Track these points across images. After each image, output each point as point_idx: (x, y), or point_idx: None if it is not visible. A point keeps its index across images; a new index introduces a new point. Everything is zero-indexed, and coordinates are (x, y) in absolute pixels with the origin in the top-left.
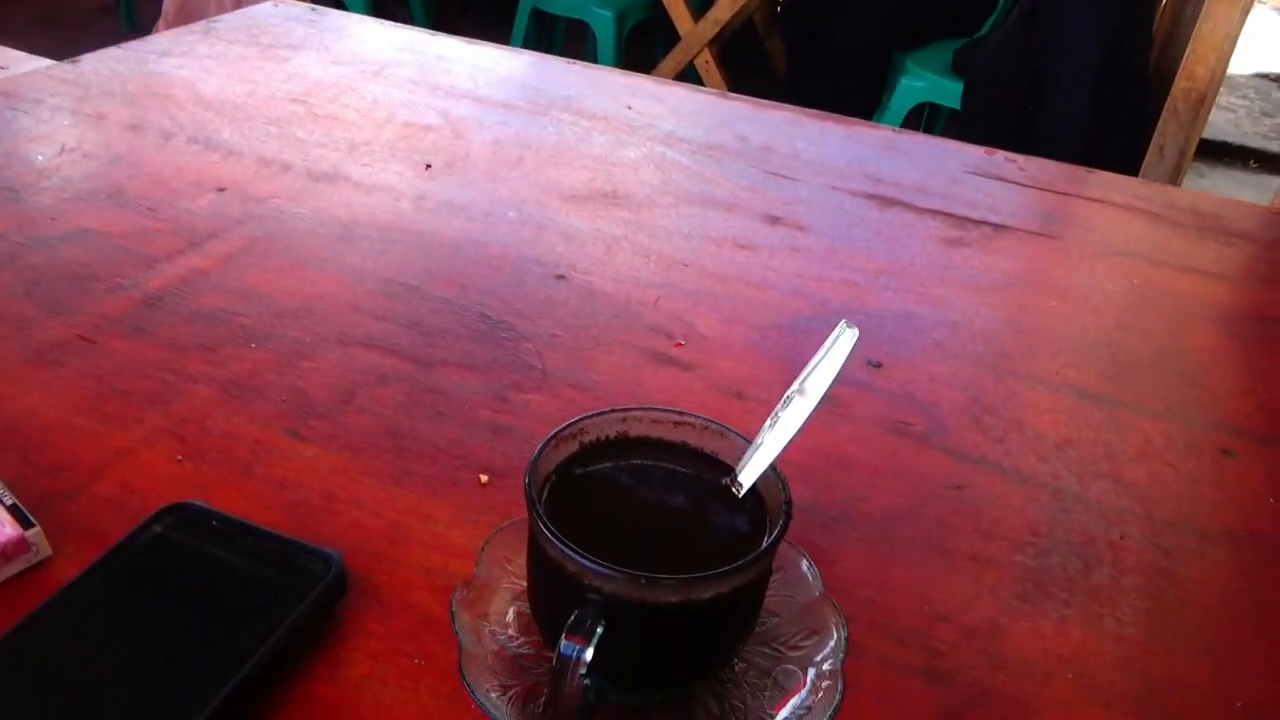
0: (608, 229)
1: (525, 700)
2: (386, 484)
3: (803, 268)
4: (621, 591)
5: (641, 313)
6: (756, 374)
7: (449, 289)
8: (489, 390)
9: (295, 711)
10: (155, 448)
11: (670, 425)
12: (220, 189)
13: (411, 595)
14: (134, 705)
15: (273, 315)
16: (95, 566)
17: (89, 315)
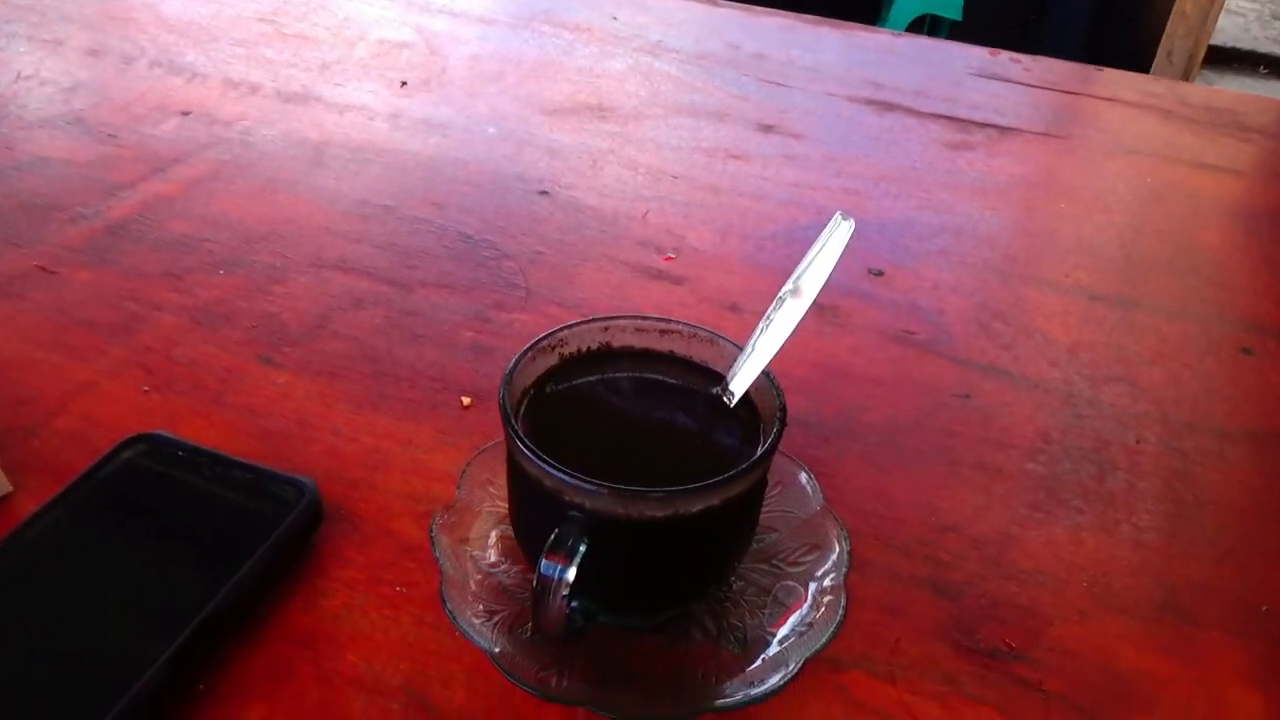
0: (593, 143)
1: (512, 626)
2: (364, 409)
3: (798, 176)
4: (604, 507)
5: (630, 227)
6: (751, 286)
7: (426, 209)
8: (470, 311)
9: (271, 644)
10: (120, 379)
11: (656, 334)
12: (185, 113)
13: (391, 522)
14: (101, 641)
15: (242, 241)
16: (56, 500)
17: (49, 246)
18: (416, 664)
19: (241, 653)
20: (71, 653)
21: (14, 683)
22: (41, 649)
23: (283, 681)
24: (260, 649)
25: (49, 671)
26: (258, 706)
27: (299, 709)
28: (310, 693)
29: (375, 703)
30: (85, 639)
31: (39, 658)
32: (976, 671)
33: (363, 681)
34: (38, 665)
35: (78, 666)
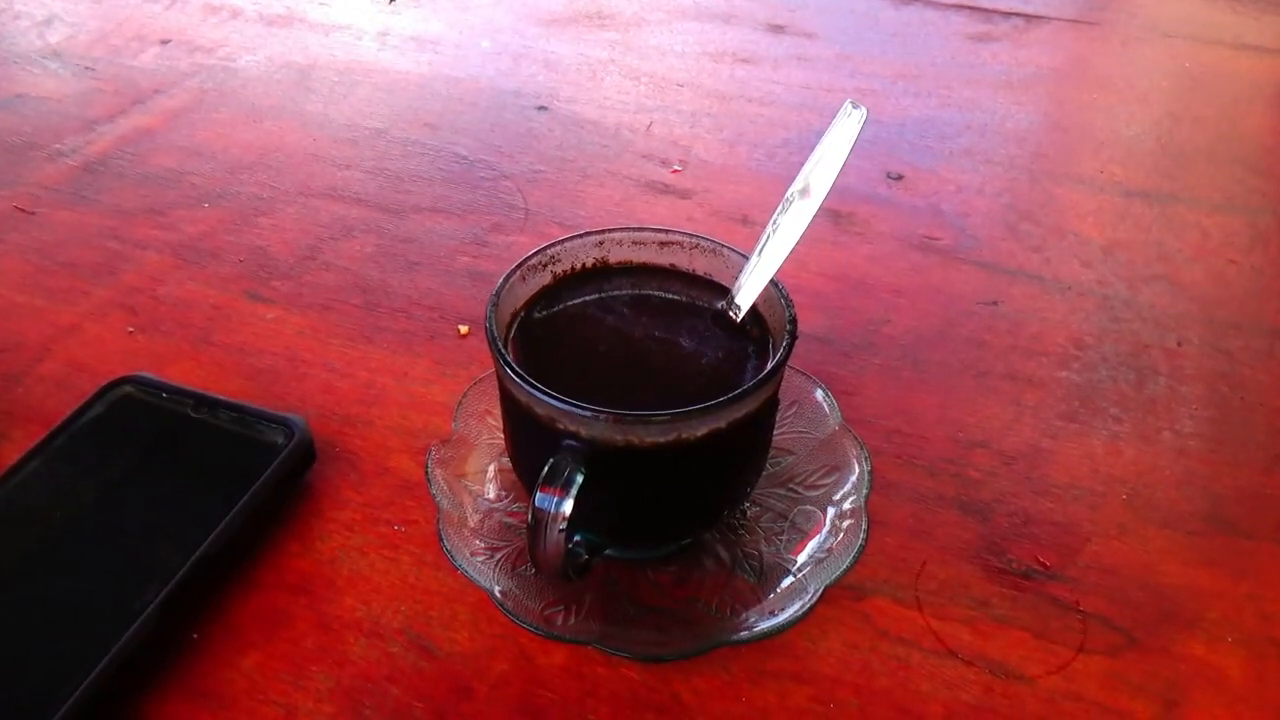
0: (593, 53)
1: (515, 563)
2: (357, 342)
3: (811, 78)
4: (602, 435)
5: (633, 140)
6: (763, 196)
7: (419, 130)
8: (466, 235)
9: (266, 590)
10: (104, 321)
11: (655, 247)
12: (164, 41)
13: (389, 459)
14: (88, 590)
15: (226, 172)
16: (38, 448)
17: (26, 186)
18: (418, 605)
19: (235, 599)
20: (59, 603)
21: (1, 634)
22: (29, 599)
23: (279, 628)
24: (255, 595)
25: (37, 622)
26: (252, 654)
27: (295, 655)
28: (307, 638)
29: (375, 646)
30: (72, 588)
31: (26, 608)
32: (1008, 593)
33: (361, 625)
34: (25, 616)
35: (66, 617)
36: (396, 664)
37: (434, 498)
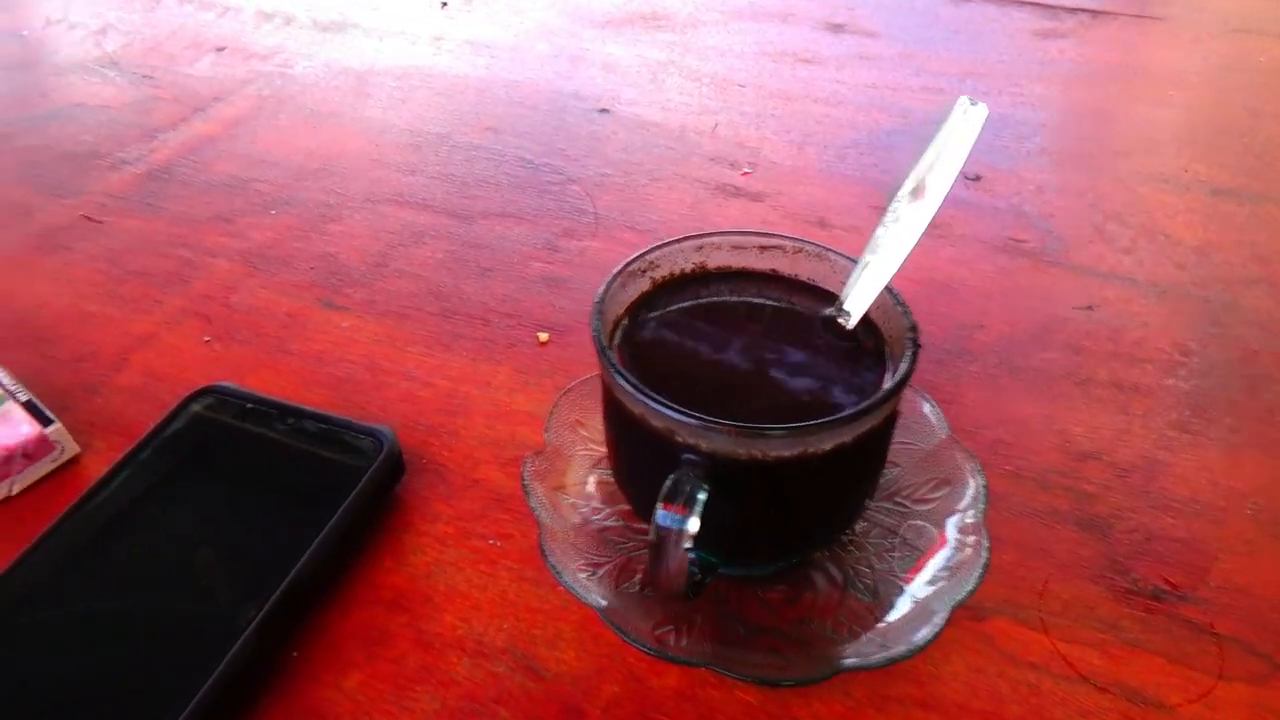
0: (651, 54)
1: (618, 579)
2: (436, 351)
3: (876, 77)
4: (724, 448)
5: (699, 142)
6: (838, 199)
7: (481, 134)
8: (538, 240)
9: (363, 606)
10: (179, 330)
11: (755, 251)
12: (220, 49)
13: (478, 471)
14: (184, 610)
15: (291, 179)
16: (124, 461)
17: (93, 195)
18: (520, 623)
19: (333, 616)
20: (159, 620)
21: (96, 656)
22: (128, 616)
23: (379, 646)
24: (352, 612)
25: (138, 640)
26: (354, 674)
27: (399, 675)
28: (409, 658)
29: (480, 666)
30: (171, 606)
31: (126, 626)
32: (1138, 615)
33: (464, 644)
34: (125, 634)
35: (162, 638)
36: (503, 685)
37: (533, 511)
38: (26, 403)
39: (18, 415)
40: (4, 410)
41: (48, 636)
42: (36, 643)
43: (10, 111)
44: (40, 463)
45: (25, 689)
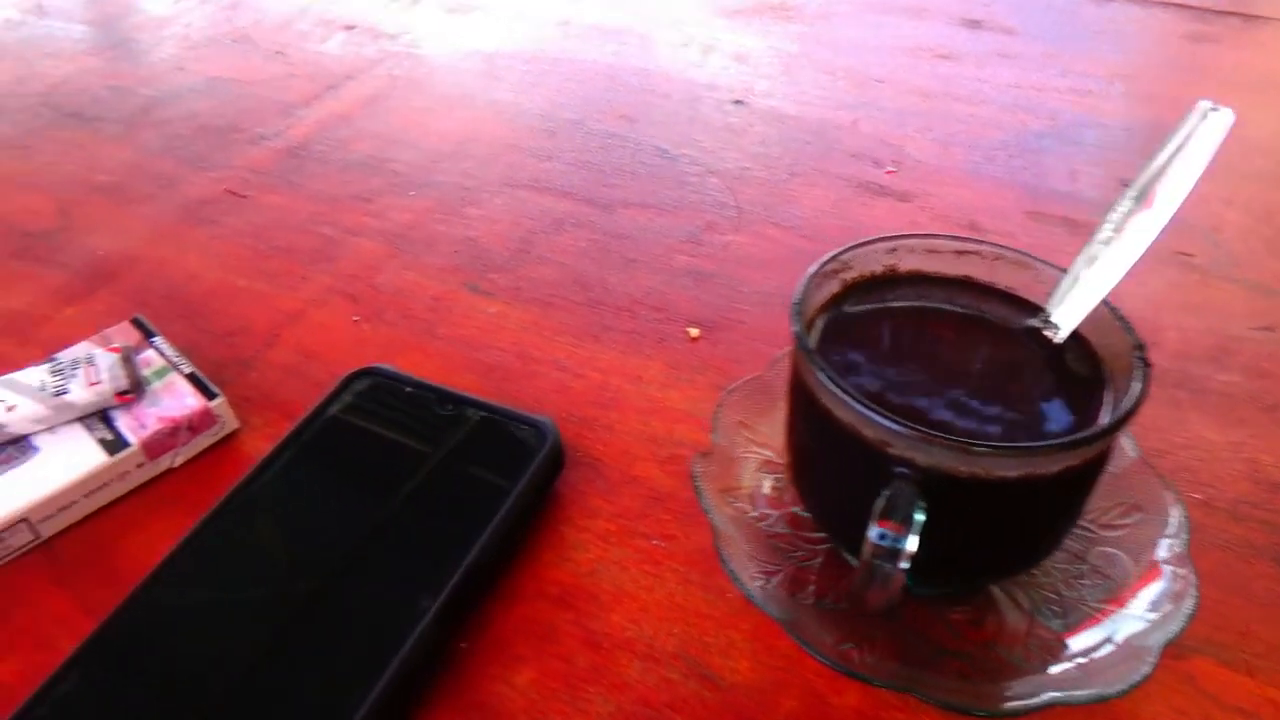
0: (782, 45)
1: (791, 588)
2: (585, 341)
3: (1018, 77)
4: (943, 464)
5: (839, 137)
6: (988, 202)
7: (615, 122)
8: (681, 232)
9: (528, 601)
10: (327, 308)
11: (951, 256)
12: (349, 27)
13: (634, 467)
14: (363, 594)
15: (428, 160)
16: (287, 441)
17: (234, 169)
18: (690, 628)
19: (498, 609)
20: (325, 609)
21: (267, 639)
22: (292, 603)
23: (548, 643)
24: (517, 606)
25: (305, 628)
26: (525, 670)
27: (570, 674)
28: (579, 656)
29: (652, 670)
30: (338, 594)
31: (290, 613)
32: None
33: (633, 646)
34: (291, 620)
35: (334, 624)
36: (677, 692)
37: (707, 514)
38: (190, 375)
39: (182, 387)
40: (168, 381)
41: (218, 618)
42: (207, 624)
43: (148, 84)
44: (202, 435)
45: (197, 671)
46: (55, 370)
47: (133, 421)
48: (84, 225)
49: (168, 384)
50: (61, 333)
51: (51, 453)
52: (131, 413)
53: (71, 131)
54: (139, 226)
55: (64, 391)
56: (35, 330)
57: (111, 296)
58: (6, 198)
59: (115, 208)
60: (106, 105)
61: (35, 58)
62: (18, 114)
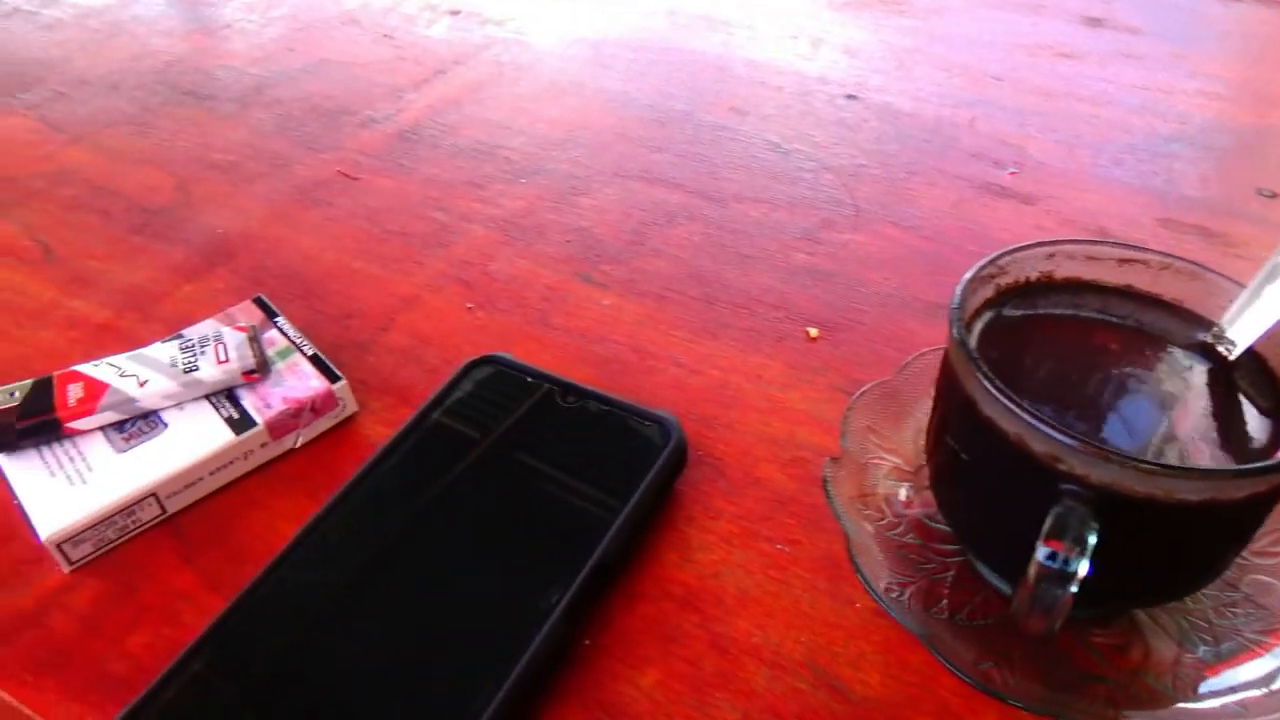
0: (895, 39)
1: (925, 602)
2: (702, 338)
3: (1144, 78)
4: (1120, 484)
5: (957, 136)
6: (1118, 208)
7: (725, 114)
8: (796, 229)
9: (652, 600)
10: (442, 294)
11: (1113, 264)
12: (454, 12)
13: (757, 469)
14: (489, 585)
15: (537, 147)
16: (410, 427)
17: (346, 151)
18: (818, 637)
19: (620, 607)
20: (451, 599)
21: (394, 627)
22: (418, 591)
23: (673, 644)
24: (640, 605)
25: (432, 617)
26: (650, 671)
27: (696, 677)
28: (705, 660)
29: (779, 679)
30: (462, 584)
31: (416, 600)
32: None
33: (760, 653)
34: (418, 609)
35: (460, 614)
36: (806, 702)
37: (839, 520)
38: (312, 357)
39: (306, 369)
40: (292, 362)
41: (344, 605)
42: (333, 610)
43: (260, 65)
44: (324, 418)
45: (323, 658)
46: (185, 347)
47: (258, 401)
48: (202, 202)
49: (291, 365)
50: (181, 309)
51: (180, 429)
52: (257, 392)
53: (188, 109)
54: (254, 205)
55: (194, 369)
56: (156, 306)
57: (229, 274)
58: (126, 173)
59: (231, 186)
60: (220, 84)
61: (149, 35)
62: (135, 90)
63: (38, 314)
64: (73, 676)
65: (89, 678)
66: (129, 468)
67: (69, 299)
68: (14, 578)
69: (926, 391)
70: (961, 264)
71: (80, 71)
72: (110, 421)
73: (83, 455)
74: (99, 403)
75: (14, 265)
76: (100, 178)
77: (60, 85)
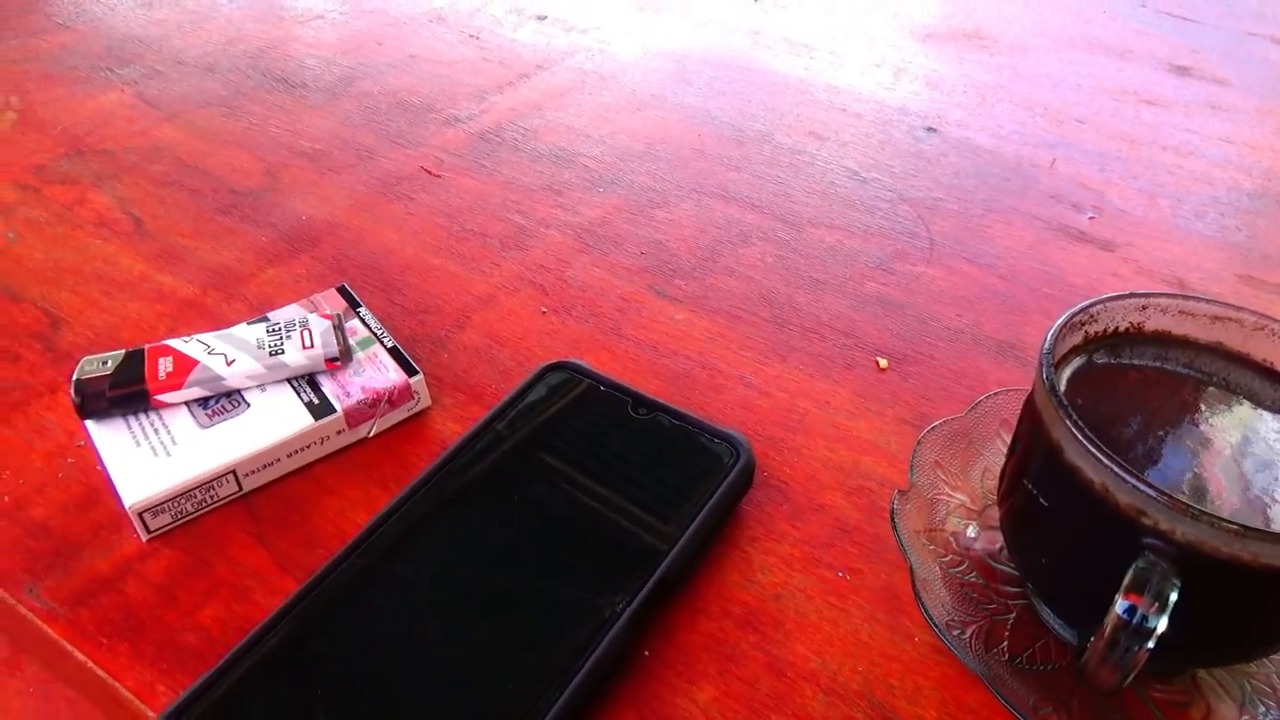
0: (977, 75)
1: (987, 643)
2: (771, 359)
3: (1230, 131)
4: (1204, 543)
5: (1036, 176)
6: (1199, 260)
7: (804, 138)
8: (870, 258)
9: (712, 617)
10: (517, 296)
11: (1206, 320)
12: (540, 17)
13: (821, 495)
14: (547, 588)
15: (616, 158)
16: (483, 427)
17: (429, 148)
18: (875, 668)
19: (681, 621)
20: (517, 599)
21: (459, 621)
22: (485, 589)
23: (730, 663)
24: (700, 621)
25: (496, 615)
26: (707, 688)
27: (752, 698)
28: (761, 681)
29: (835, 708)
30: (529, 585)
31: (482, 598)
32: None
33: (817, 679)
34: (483, 606)
35: (525, 615)
36: None
37: (904, 554)
38: (392, 349)
39: (385, 360)
40: (371, 352)
41: (411, 599)
42: (400, 604)
43: (349, 56)
44: (399, 410)
45: (388, 651)
46: (271, 330)
47: (337, 388)
48: (289, 188)
49: (371, 355)
50: (264, 291)
51: (261, 409)
52: (337, 379)
53: (279, 96)
54: (339, 195)
55: (279, 351)
56: (240, 285)
57: (312, 261)
58: (216, 154)
59: (318, 175)
60: (311, 73)
61: (244, 20)
62: (229, 74)
63: (127, 285)
64: (145, 643)
65: (161, 645)
66: (211, 443)
67: (157, 273)
68: (95, 541)
69: (996, 432)
70: (1035, 306)
71: (176, 51)
72: (196, 397)
73: (167, 428)
74: (187, 378)
75: (108, 236)
76: (191, 157)
77: (157, 63)
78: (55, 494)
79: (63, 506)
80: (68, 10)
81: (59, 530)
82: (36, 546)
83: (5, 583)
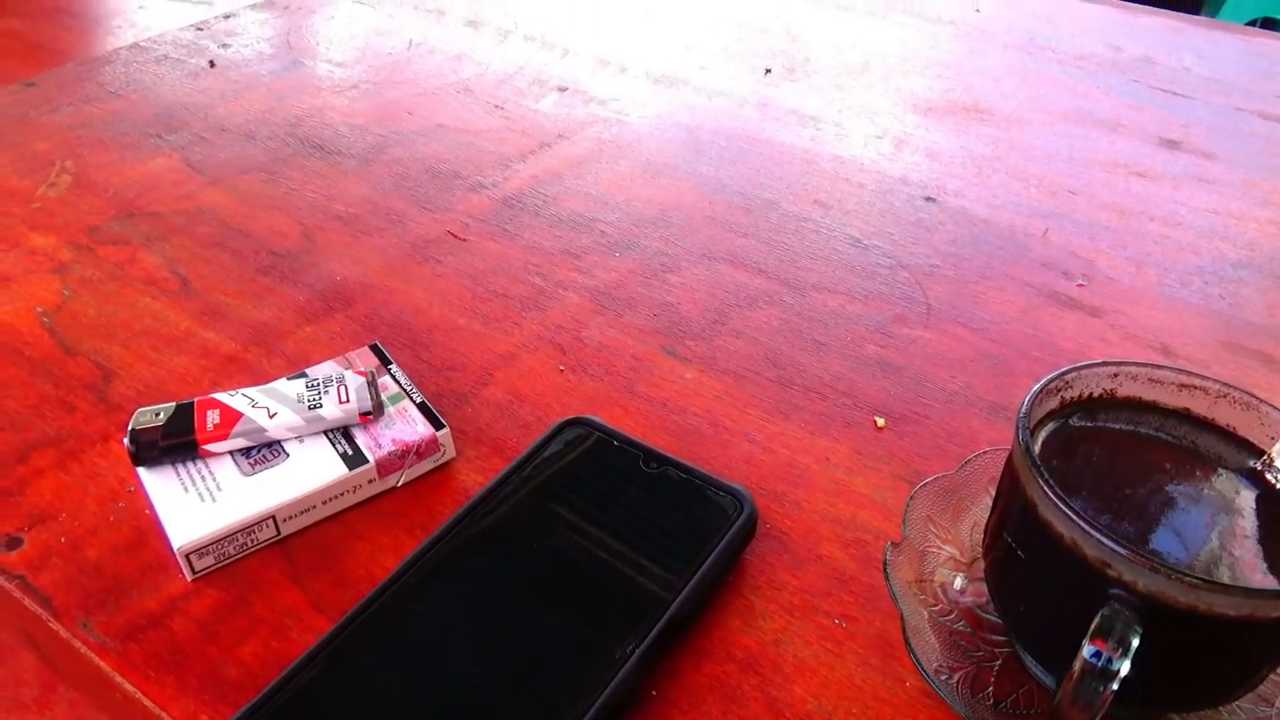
0: (975, 147)
1: (973, 688)
2: (774, 417)
3: (1217, 203)
4: (1163, 593)
5: (1029, 245)
6: (1182, 326)
7: (809, 207)
8: (870, 322)
9: (715, 660)
10: (537, 355)
11: (1173, 388)
12: (562, 89)
13: (820, 546)
14: (559, 630)
15: (631, 224)
16: (504, 479)
17: (456, 213)
18: (869, 710)
19: (687, 664)
20: (530, 641)
21: (474, 663)
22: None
23: (733, 704)
24: (705, 664)
25: (518, 658)
26: None
27: None
28: None
29: None
30: (543, 628)
31: (497, 640)
32: None
33: None
34: (508, 649)
35: (537, 657)
36: None
37: (896, 603)
38: (420, 404)
39: (414, 414)
40: (401, 407)
41: (435, 640)
42: (425, 643)
43: (382, 124)
44: (426, 461)
45: (413, 688)
46: (310, 385)
47: (370, 440)
48: (324, 250)
49: (400, 409)
50: (301, 348)
51: (300, 459)
52: (369, 432)
53: (315, 162)
54: (372, 257)
55: (318, 405)
56: (279, 342)
57: (345, 319)
58: (257, 218)
59: (352, 237)
60: (345, 141)
61: (284, 91)
62: (268, 141)
63: (174, 341)
64: (190, 676)
65: (204, 678)
66: (253, 490)
67: (202, 329)
68: (144, 580)
69: (985, 488)
70: (1025, 369)
71: (220, 119)
72: (240, 447)
73: (213, 475)
74: (233, 429)
75: (156, 294)
76: (234, 219)
77: (202, 130)
78: (108, 536)
79: (114, 548)
80: (119, 79)
81: (110, 570)
82: (90, 585)
83: (62, 618)
